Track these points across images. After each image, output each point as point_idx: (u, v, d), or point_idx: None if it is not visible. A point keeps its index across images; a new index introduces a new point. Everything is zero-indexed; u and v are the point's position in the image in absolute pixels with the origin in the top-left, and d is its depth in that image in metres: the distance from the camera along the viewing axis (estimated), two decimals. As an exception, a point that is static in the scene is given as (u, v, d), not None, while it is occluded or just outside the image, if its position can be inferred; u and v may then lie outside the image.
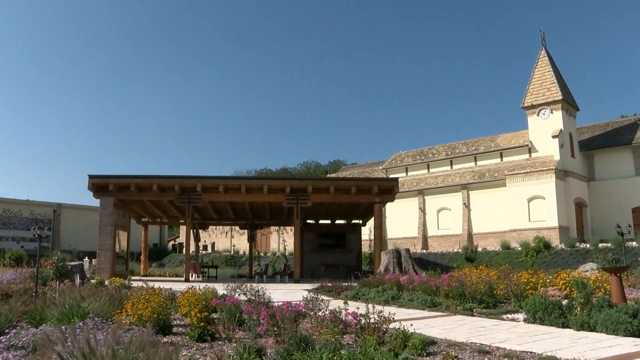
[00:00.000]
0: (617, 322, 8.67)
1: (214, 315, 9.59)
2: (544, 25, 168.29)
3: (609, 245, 29.53)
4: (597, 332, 8.89)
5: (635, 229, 35.18)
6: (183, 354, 6.91)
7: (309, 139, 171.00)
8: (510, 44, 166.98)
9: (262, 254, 49.16)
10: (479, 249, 36.04)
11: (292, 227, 33.18)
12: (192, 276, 28.74)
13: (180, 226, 51.31)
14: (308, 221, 34.41)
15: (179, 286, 15.56)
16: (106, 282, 19.37)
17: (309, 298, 9.62)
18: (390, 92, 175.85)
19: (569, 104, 40.70)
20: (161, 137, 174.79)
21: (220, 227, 59.72)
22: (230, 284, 13.20)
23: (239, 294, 11.48)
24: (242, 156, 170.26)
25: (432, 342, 7.76)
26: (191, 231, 31.44)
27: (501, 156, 42.63)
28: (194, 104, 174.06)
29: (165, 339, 7.99)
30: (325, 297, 12.97)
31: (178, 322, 9.79)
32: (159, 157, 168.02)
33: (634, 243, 29.72)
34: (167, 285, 15.12)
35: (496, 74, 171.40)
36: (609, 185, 40.67)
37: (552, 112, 39.61)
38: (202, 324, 8.14)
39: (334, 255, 33.52)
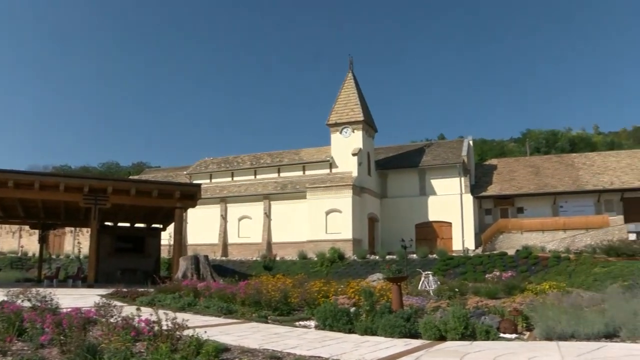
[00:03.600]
0: (394, 326, 9.50)
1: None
2: (355, 51, 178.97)
3: (395, 257, 32.02)
4: (379, 335, 9.60)
5: (417, 243, 38.77)
6: None
7: (113, 139, 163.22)
8: (323, 64, 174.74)
9: (54, 257, 45.57)
10: (278, 258, 36.96)
11: (89, 229, 31.30)
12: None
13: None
14: (106, 223, 32.72)
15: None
16: None
17: (101, 304, 9.18)
18: (197, 98, 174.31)
19: (369, 125, 43.63)
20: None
21: (7, 225, 54.21)
22: (14, 289, 12.11)
23: (22, 300, 10.56)
24: (39, 150, 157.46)
25: (226, 349, 7.80)
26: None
27: (304, 169, 44.25)
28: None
29: None
30: (119, 303, 12.44)
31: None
32: None
33: (415, 255, 32.63)
34: None
35: (307, 89, 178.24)
36: (398, 203, 44.33)
37: (353, 132, 42.14)
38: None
39: (132, 260, 32.14)
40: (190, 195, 28.35)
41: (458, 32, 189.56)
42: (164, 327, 7.36)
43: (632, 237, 34.59)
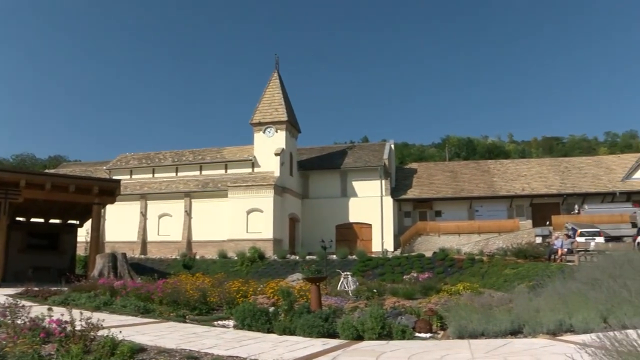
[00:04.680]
0: (312, 325, 9.59)
1: None
2: (283, 51, 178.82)
3: (315, 257, 32.19)
4: (297, 335, 9.65)
5: (337, 244, 39.22)
6: None
7: (27, 130, 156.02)
8: (249, 62, 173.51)
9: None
10: (198, 257, 36.39)
11: (-2, 224, 29.74)
12: None
13: None
14: (17, 218, 31.19)
15: None
16: None
17: (6, 304, 8.77)
18: (119, 91, 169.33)
19: (292, 125, 43.74)
20: None
21: None
22: None
23: None
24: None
25: (142, 349, 7.64)
26: None
27: (226, 168, 43.85)
28: None
29: None
30: (28, 303, 11.94)
31: None
32: None
33: (335, 256, 32.96)
34: None
35: (233, 87, 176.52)
36: (319, 204, 44.69)
37: (277, 132, 42.14)
38: None
39: (45, 257, 30.73)
40: (110, 191, 27.53)
41: (386, 38, 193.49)
42: (77, 328, 7.11)
43: (539, 240, 36.44)
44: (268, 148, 41.77)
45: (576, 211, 41.96)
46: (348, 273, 21.93)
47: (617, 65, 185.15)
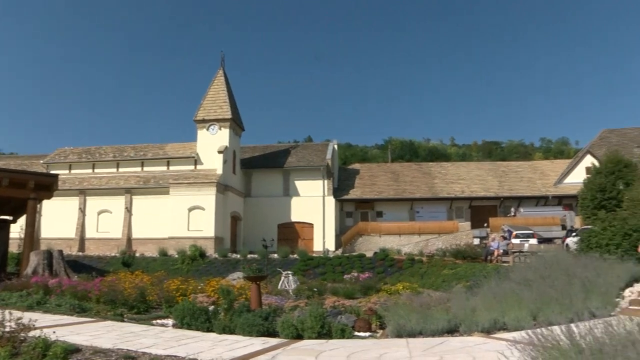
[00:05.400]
0: (252, 324, 9.60)
1: None
2: (230, 50, 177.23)
3: (256, 256, 32.10)
4: (237, 334, 9.64)
5: (278, 243, 39.22)
6: None
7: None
8: (194, 59, 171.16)
9: None
10: (138, 255, 35.68)
11: None
12: None
13: None
14: (-57, 214, 29.80)
15: None
16: None
17: None
18: (59, 84, 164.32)
19: (236, 123, 43.46)
20: None
21: None
22: None
23: None
24: None
25: (77, 349, 7.46)
26: None
27: (168, 164, 43.18)
28: None
29: None
30: (-46, 303, 11.50)
31: None
32: None
33: (276, 255, 32.96)
34: None
35: (179, 85, 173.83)
36: (261, 202, 44.58)
37: (220, 129, 41.78)
38: None
39: (-27, 255, 29.52)
40: (46, 186, 26.55)
41: (333, 39, 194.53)
42: (7, 329, 6.87)
43: (476, 241, 37.46)
44: (211, 145, 41.36)
45: (512, 214, 43.33)
46: (289, 272, 21.95)
47: (553, 75, 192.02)
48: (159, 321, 11.72)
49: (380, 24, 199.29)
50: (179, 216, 38.84)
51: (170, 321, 11.45)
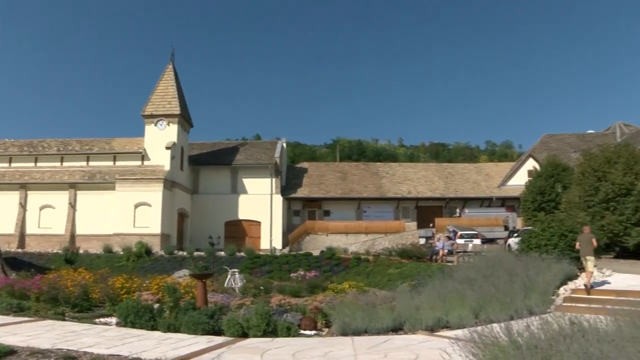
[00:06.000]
0: (197, 322, 9.55)
1: None
2: (179, 44, 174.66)
3: (203, 254, 31.82)
4: (182, 332, 9.58)
5: (226, 241, 38.94)
6: None
7: None
8: (143, 54, 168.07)
9: None
10: (81, 251, 34.80)
11: None
12: None
13: None
14: None
15: None
16: None
17: None
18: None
19: (185, 119, 42.90)
20: None
21: None
22: None
23: None
24: None
25: (11, 351, 7.22)
26: None
27: (115, 160, 42.20)
28: None
29: None
30: None
31: None
32: None
33: (223, 253, 32.72)
34: None
35: (127, 79, 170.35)
36: (209, 200, 44.17)
37: (168, 125, 41.14)
38: None
39: None
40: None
41: (283, 39, 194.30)
42: None
43: (422, 241, 38.13)
44: (159, 141, 40.69)
45: (457, 214, 44.27)
46: (235, 270, 21.86)
47: (499, 79, 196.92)
48: (102, 319, 11.55)
49: (328, 24, 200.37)
50: (125, 212, 38.07)
51: (113, 319, 11.30)
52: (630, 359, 4.50)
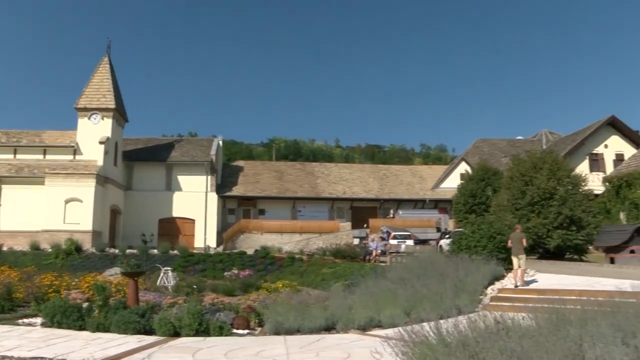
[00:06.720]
0: (128, 322, 9.40)
1: None
2: (116, 38, 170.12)
3: (135, 251, 31.24)
4: (112, 332, 9.41)
5: (159, 238, 38.30)
6: None
7: None
8: (78, 46, 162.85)
9: None
10: (5, 248, 33.46)
11: None
12: None
13: None
14: None
15: None
16: None
17: None
18: None
19: (120, 114, 41.86)
20: None
21: None
22: None
23: None
24: None
25: None
26: None
27: (45, 153, 40.70)
28: None
29: None
30: None
31: None
32: None
33: (156, 251, 32.20)
34: None
35: (61, 70, 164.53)
36: (143, 196, 43.28)
37: (102, 119, 40.04)
38: None
39: None
40: None
41: (222, 37, 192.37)
42: None
43: (356, 241, 38.62)
44: (92, 135, 39.51)
45: (391, 215, 45.08)
46: (168, 268, 21.58)
47: (433, 85, 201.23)
48: (26, 320, 11.18)
49: (274, 21, 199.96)
50: (55, 208, 36.78)
51: (39, 320, 10.97)
52: (547, 353, 4.77)
